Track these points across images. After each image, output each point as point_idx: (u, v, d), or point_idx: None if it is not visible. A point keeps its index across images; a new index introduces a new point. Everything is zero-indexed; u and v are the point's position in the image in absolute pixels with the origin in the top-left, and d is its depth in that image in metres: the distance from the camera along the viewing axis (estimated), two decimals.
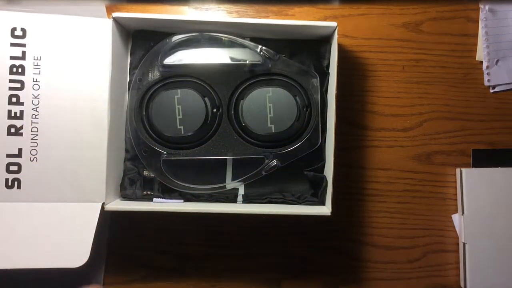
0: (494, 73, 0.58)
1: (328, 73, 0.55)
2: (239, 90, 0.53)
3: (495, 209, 0.57)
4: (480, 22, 0.58)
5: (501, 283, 0.56)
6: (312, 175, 0.54)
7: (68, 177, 0.51)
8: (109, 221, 0.56)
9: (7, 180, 0.51)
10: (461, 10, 0.59)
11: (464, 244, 0.56)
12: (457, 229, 0.58)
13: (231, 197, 0.55)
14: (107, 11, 0.53)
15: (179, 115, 0.52)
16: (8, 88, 0.51)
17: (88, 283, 0.55)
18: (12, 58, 0.51)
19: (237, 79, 0.53)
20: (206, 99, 0.53)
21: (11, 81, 0.51)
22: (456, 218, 0.58)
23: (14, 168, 0.51)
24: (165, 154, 0.53)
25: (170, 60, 0.53)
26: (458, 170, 0.58)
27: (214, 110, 0.53)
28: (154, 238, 0.57)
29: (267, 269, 0.58)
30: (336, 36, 0.51)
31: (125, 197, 0.55)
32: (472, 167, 0.58)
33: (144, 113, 0.53)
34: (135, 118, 0.53)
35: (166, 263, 0.57)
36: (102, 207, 0.50)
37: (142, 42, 0.55)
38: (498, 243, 0.56)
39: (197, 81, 0.53)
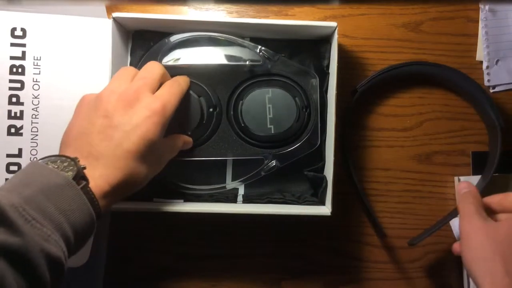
0: (494, 73, 0.58)
1: (328, 73, 0.55)
2: (239, 91, 0.53)
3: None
4: (480, 22, 0.58)
5: None
6: (312, 175, 0.54)
7: None
8: (109, 221, 0.56)
9: (7, 180, 0.51)
10: (461, 10, 0.59)
11: None
12: (454, 234, 0.58)
13: (231, 197, 0.55)
14: (107, 11, 0.53)
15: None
16: (8, 88, 0.51)
17: (88, 283, 0.55)
18: (12, 58, 0.51)
19: (237, 80, 0.53)
20: (201, 98, 0.52)
21: (11, 81, 0.51)
22: (454, 223, 0.58)
23: (14, 168, 0.51)
24: None
25: (169, 60, 0.53)
26: (456, 178, 0.58)
27: (211, 109, 0.53)
28: (154, 238, 0.57)
29: (267, 269, 0.58)
30: (336, 36, 0.51)
31: None
32: (472, 173, 0.58)
33: None
34: None
35: (166, 263, 0.57)
36: None
37: (142, 42, 0.55)
38: None
39: (193, 81, 0.53)
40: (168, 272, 0.57)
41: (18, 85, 0.51)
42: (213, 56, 0.53)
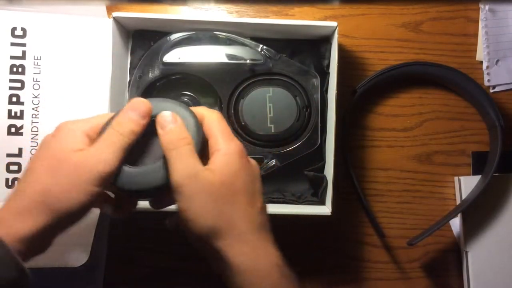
0: (494, 73, 0.58)
1: (328, 73, 0.55)
2: (239, 89, 0.53)
3: (496, 215, 0.57)
4: (480, 22, 0.58)
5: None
6: (312, 175, 0.54)
7: None
8: (109, 221, 0.56)
9: (7, 179, 0.51)
10: (461, 10, 0.59)
11: (466, 252, 0.56)
12: (455, 234, 0.58)
13: None
14: (107, 11, 0.53)
15: None
16: (8, 88, 0.51)
17: (88, 283, 0.55)
18: (12, 57, 0.51)
19: (238, 78, 0.53)
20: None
21: (11, 80, 0.51)
22: (454, 223, 0.58)
23: (14, 167, 0.51)
24: None
25: (171, 58, 0.53)
26: (456, 178, 0.58)
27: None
28: (154, 238, 0.57)
29: None
30: (336, 36, 0.51)
31: None
32: (473, 173, 0.58)
33: None
34: None
35: (166, 263, 0.57)
36: None
37: (142, 42, 0.55)
38: (501, 250, 0.56)
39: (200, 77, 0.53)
40: (168, 272, 0.57)
41: (18, 84, 0.51)
42: (214, 54, 0.53)
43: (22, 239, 0.32)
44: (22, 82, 0.51)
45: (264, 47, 0.53)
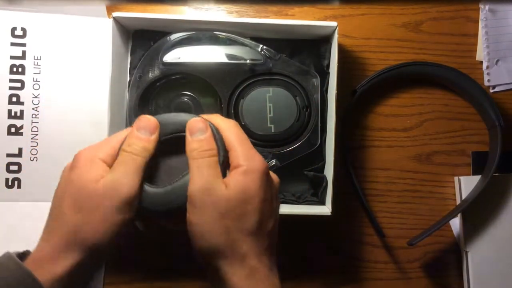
0: (494, 73, 0.58)
1: (328, 73, 0.55)
2: (239, 89, 0.53)
3: (496, 215, 0.57)
4: (480, 22, 0.58)
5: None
6: (312, 175, 0.54)
7: None
8: None
9: (7, 179, 0.51)
10: (461, 10, 0.59)
11: (466, 252, 0.56)
12: (455, 233, 0.58)
13: None
14: (107, 11, 0.53)
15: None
16: (8, 88, 0.51)
17: (88, 284, 0.55)
18: (12, 57, 0.51)
19: (238, 78, 0.53)
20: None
21: (11, 80, 0.51)
22: (454, 223, 0.58)
23: (14, 167, 0.51)
24: None
25: (171, 58, 0.53)
26: (456, 178, 0.58)
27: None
28: (154, 239, 0.57)
29: None
30: (336, 36, 0.51)
31: None
32: (473, 173, 0.58)
33: (144, 112, 0.53)
34: (135, 116, 0.53)
35: (166, 263, 0.57)
36: None
37: (142, 42, 0.55)
38: (500, 250, 0.56)
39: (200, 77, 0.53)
40: (168, 272, 0.57)
41: (18, 84, 0.51)
42: (214, 54, 0.53)
43: (58, 279, 0.32)
44: (22, 82, 0.51)
45: (264, 47, 0.53)
